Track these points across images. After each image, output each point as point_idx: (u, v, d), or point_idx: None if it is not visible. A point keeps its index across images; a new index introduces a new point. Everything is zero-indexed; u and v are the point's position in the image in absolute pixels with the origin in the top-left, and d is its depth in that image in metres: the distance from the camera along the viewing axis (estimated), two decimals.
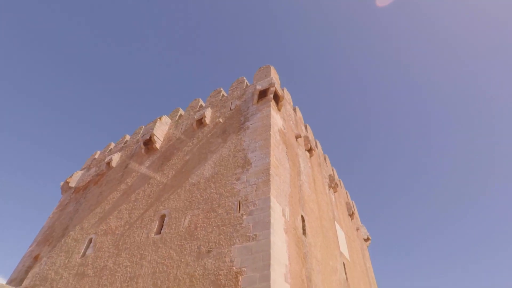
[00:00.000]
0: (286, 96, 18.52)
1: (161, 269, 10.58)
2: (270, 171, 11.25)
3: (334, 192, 20.54)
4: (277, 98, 15.17)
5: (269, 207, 10.02)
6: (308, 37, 79.69)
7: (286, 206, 11.37)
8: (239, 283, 8.63)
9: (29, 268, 15.89)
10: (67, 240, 15.58)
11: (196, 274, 9.67)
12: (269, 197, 10.32)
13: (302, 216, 12.80)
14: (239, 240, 9.72)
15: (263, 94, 15.08)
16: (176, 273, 10.08)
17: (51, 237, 16.85)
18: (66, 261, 14.29)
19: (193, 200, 12.31)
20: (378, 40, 75.59)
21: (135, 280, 10.89)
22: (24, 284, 14.63)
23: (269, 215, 9.77)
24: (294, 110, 19.39)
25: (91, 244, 14.10)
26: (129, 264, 11.68)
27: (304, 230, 12.50)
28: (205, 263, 9.76)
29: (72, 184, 20.42)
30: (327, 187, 19.56)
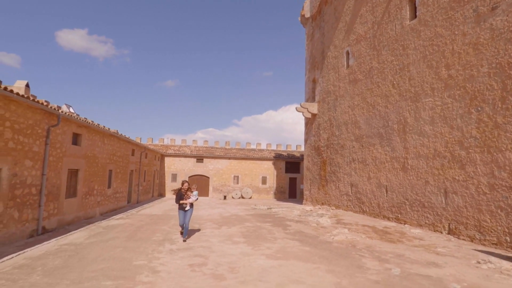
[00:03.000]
0: None
1: (431, 50, 9.82)
2: None
3: None
4: None
5: None
6: None
7: None
8: None
9: (313, 88, 20.40)
10: (328, 60, 17.90)
11: (480, 40, 8.11)
12: None
13: None
14: None
15: None
16: (452, 48, 8.98)
17: (315, 62, 20.00)
18: (336, 75, 16.78)
19: None
20: None
21: (405, 69, 11.02)
22: (316, 99, 19.30)
23: None
24: None
25: (350, 55, 15.33)
26: (393, 58, 11.78)
27: None
28: (491, 24, 7.84)
29: (307, 14, 21.75)
30: None
